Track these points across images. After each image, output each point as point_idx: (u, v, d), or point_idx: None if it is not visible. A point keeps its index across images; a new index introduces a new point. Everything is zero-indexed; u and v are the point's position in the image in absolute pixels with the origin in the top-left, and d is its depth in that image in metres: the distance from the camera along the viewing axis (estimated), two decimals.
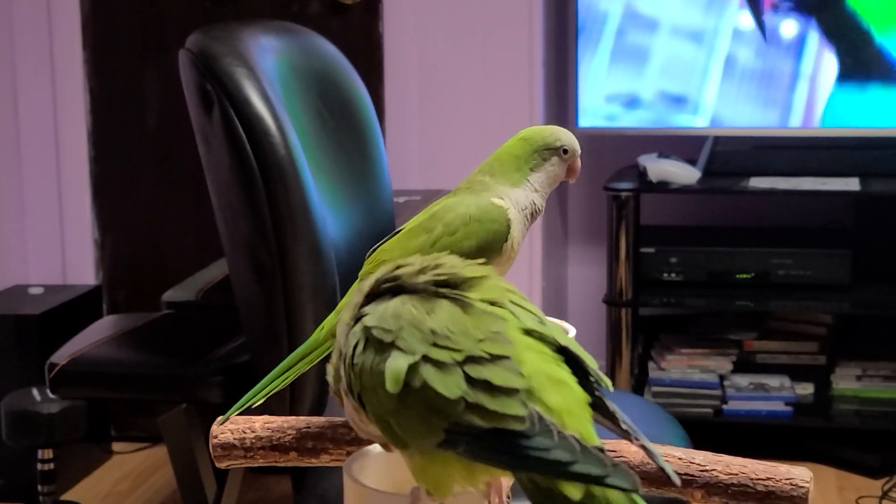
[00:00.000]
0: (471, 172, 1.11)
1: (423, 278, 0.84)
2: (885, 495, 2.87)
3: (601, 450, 0.74)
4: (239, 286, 1.82)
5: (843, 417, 3.06)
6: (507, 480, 0.88)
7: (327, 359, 0.91)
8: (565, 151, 1.10)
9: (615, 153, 3.38)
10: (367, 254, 1.10)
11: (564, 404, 0.77)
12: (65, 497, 2.93)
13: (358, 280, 1.09)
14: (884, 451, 3.02)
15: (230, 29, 1.83)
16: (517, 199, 1.06)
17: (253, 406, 1.06)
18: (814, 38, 3.06)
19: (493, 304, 0.82)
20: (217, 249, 2.44)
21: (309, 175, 1.74)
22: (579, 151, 1.11)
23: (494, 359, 0.77)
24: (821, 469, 3.02)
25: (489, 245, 1.03)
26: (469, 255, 1.01)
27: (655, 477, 0.92)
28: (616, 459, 0.73)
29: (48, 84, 3.29)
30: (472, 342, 0.78)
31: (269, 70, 1.80)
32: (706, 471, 0.91)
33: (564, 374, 0.79)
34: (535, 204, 1.07)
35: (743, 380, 3.12)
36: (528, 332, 0.81)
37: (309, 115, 1.92)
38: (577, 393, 0.79)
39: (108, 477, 3.11)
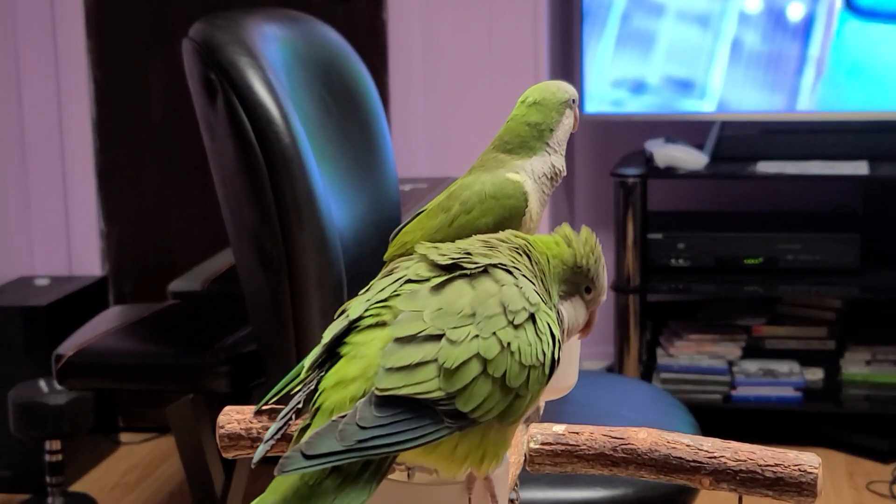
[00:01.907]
0: (483, 150, 1.10)
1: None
2: (895, 480, 2.86)
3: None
4: (245, 275, 1.82)
5: (853, 402, 3.05)
6: (501, 474, 0.86)
7: None
8: (574, 101, 1.10)
9: (622, 139, 3.37)
10: (391, 236, 1.10)
11: (330, 405, 0.80)
12: (73, 488, 2.93)
13: (385, 265, 1.08)
14: (894, 436, 3.01)
15: (234, 17, 1.82)
16: (534, 169, 1.06)
17: (291, 393, 1.05)
18: (821, 19, 3.04)
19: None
20: (223, 239, 2.44)
21: (314, 163, 1.74)
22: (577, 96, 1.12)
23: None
24: (831, 454, 3.01)
25: (506, 221, 1.03)
26: (487, 231, 1.01)
27: (663, 465, 0.91)
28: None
29: (52, 74, 3.29)
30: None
31: (272, 58, 1.79)
32: (714, 457, 0.90)
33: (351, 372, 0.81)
34: (554, 167, 1.07)
35: (752, 365, 3.11)
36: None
37: (313, 104, 1.91)
38: (348, 393, 0.80)
39: (116, 468, 3.11)
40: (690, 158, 3.05)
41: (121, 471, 3.09)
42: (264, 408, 1.05)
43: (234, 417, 1.04)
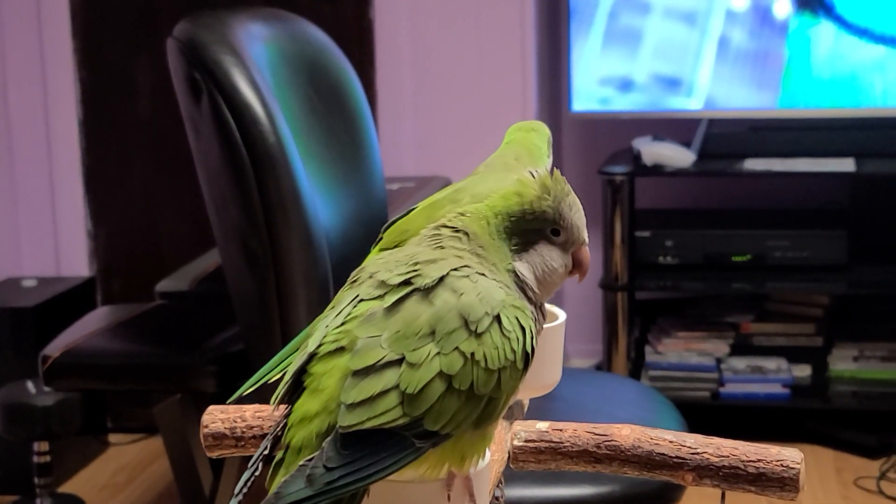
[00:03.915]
0: (489, 157, 1.11)
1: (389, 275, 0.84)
2: (882, 476, 2.86)
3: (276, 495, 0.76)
4: (231, 275, 1.82)
5: (841, 399, 3.06)
6: (481, 472, 0.86)
7: None
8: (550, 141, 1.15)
9: (609, 137, 3.37)
10: (384, 227, 1.09)
11: (297, 443, 0.79)
12: (62, 489, 2.92)
13: (375, 249, 1.08)
14: (881, 431, 3.02)
15: (218, 16, 1.82)
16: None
17: (269, 382, 1.05)
18: (807, 17, 3.04)
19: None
20: (210, 239, 2.43)
21: (299, 162, 1.73)
22: None
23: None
24: (818, 451, 3.02)
25: None
26: None
27: (646, 461, 0.92)
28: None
29: (38, 75, 3.28)
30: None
31: (258, 57, 1.79)
32: (697, 453, 0.90)
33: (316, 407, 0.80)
34: None
35: (740, 362, 3.12)
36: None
37: (299, 103, 1.91)
38: (313, 428, 0.79)
39: (104, 468, 3.10)
40: (678, 156, 3.06)
41: (109, 472, 3.08)
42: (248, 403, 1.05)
43: (218, 417, 1.04)
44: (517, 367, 0.81)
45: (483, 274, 0.82)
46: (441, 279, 0.81)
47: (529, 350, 0.82)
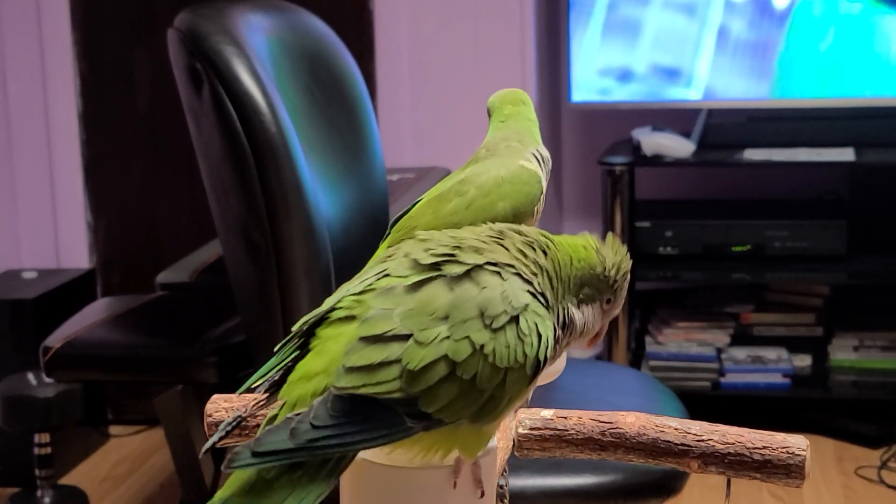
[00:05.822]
0: (485, 141, 1.11)
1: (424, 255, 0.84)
2: (883, 465, 2.87)
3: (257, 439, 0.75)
4: (232, 266, 1.82)
5: (841, 388, 3.06)
6: (489, 460, 0.86)
7: None
8: None
9: (609, 127, 3.37)
10: (392, 222, 1.09)
11: (293, 400, 0.79)
12: (63, 481, 2.92)
13: (382, 245, 1.08)
14: (882, 421, 3.02)
15: (219, 7, 1.82)
16: (542, 155, 1.08)
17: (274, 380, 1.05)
18: (806, 6, 3.04)
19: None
20: (211, 230, 2.43)
21: (300, 153, 1.73)
22: None
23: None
24: (819, 440, 3.02)
25: (523, 206, 1.04)
26: (504, 216, 1.01)
27: (651, 449, 0.92)
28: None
29: (38, 67, 3.27)
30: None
31: (258, 48, 1.79)
32: (702, 441, 0.90)
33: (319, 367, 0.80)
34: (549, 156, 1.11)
35: (740, 352, 3.12)
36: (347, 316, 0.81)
37: (299, 93, 1.90)
38: (310, 387, 0.79)
39: (105, 460, 3.10)
40: (677, 146, 3.05)
41: (111, 463, 3.08)
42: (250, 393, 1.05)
43: (221, 406, 1.04)
44: (526, 371, 0.80)
45: (529, 282, 0.82)
46: (470, 270, 0.80)
47: (542, 358, 0.81)
